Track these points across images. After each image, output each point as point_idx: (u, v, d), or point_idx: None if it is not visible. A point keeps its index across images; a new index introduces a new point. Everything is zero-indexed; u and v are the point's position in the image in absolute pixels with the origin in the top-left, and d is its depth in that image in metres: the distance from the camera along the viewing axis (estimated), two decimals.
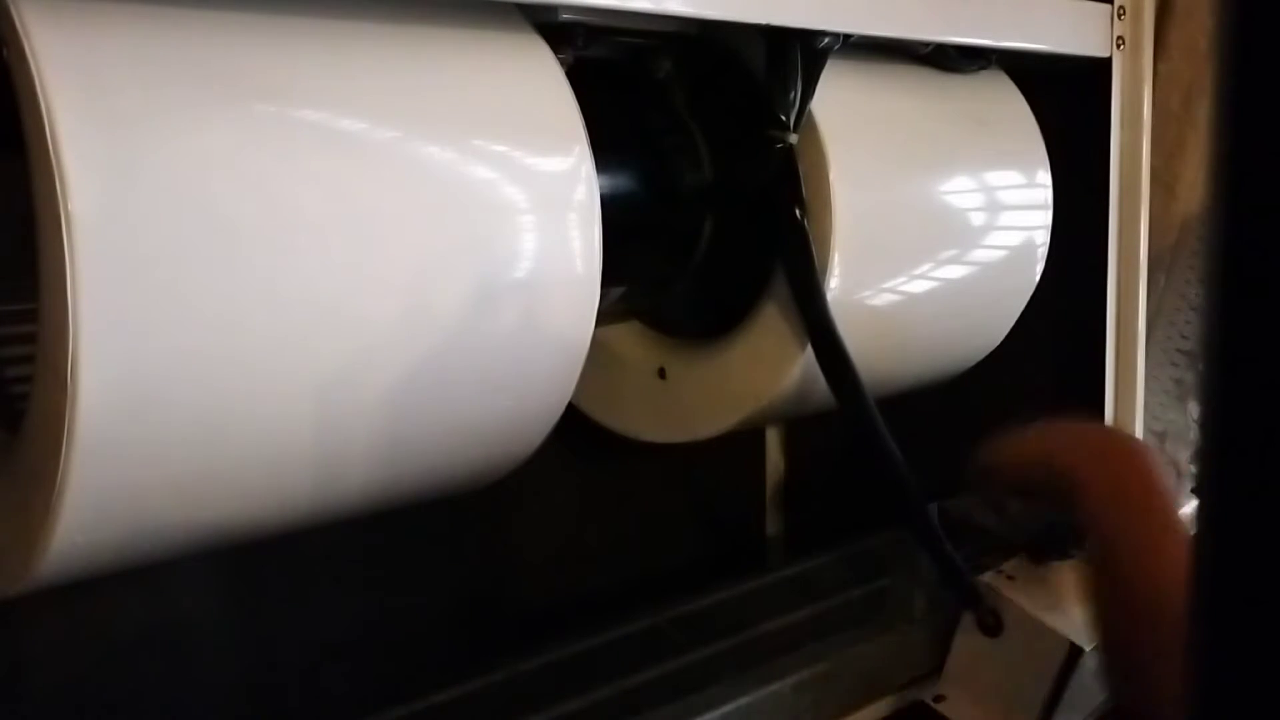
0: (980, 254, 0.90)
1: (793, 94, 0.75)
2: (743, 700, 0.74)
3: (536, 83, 0.64)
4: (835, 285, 0.77)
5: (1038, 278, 0.94)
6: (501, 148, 0.61)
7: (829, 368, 0.77)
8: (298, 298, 0.53)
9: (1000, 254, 0.92)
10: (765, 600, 0.92)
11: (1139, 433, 0.97)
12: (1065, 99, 0.96)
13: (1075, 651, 0.78)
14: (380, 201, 0.56)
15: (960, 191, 0.89)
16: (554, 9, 0.65)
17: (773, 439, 1.16)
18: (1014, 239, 0.92)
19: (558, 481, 0.97)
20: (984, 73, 0.91)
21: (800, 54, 0.74)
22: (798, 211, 0.76)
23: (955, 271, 0.88)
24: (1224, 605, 0.23)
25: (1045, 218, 0.93)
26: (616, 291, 0.82)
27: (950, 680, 0.83)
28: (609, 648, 0.84)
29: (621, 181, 0.78)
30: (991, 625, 0.80)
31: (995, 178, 0.91)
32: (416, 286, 0.57)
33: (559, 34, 0.66)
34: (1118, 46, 0.93)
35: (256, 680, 0.83)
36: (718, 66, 0.80)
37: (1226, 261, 0.22)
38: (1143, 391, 0.97)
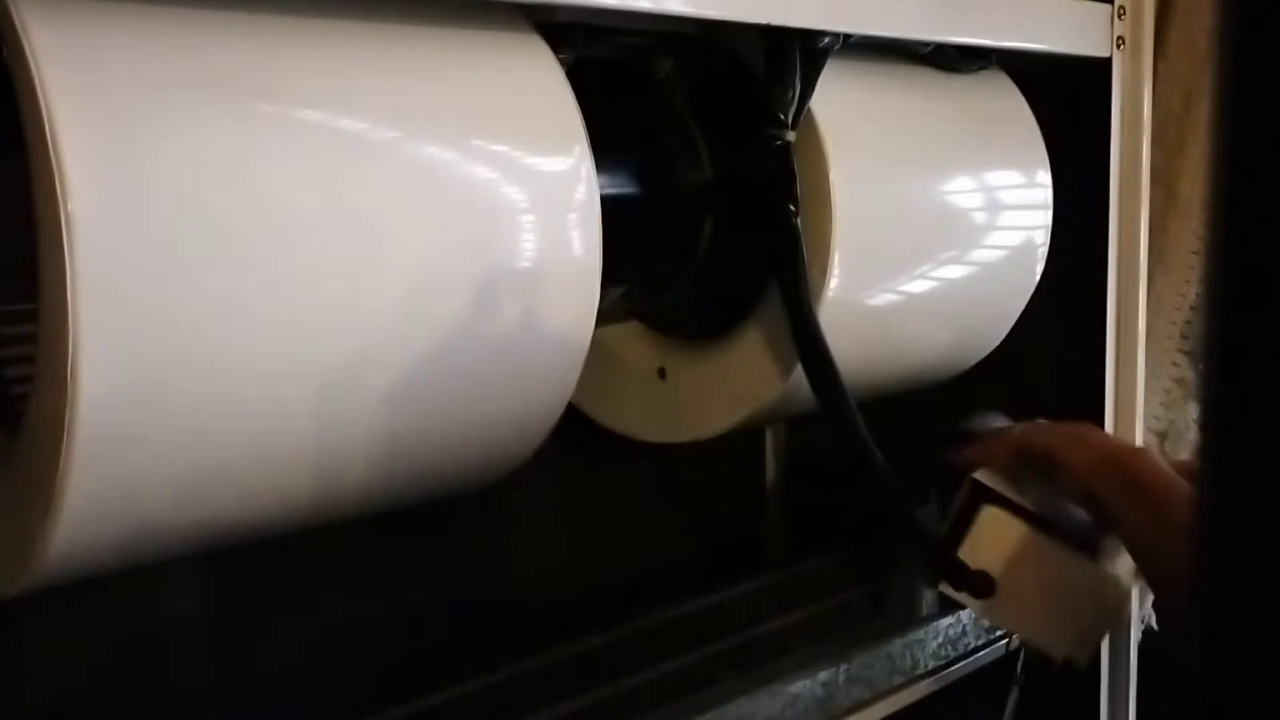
0: (980, 254, 0.90)
1: (791, 93, 0.75)
2: (743, 700, 0.74)
3: (536, 83, 0.64)
4: (835, 285, 0.77)
5: (1038, 278, 0.93)
6: (501, 148, 0.61)
7: (812, 370, 0.76)
8: (297, 298, 0.53)
9: (1000, 254, 0.92)
10: (765, 600, 0.92)
11: (1139, 433, 0.97)
12: (1065, 99, 0.96)
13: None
14: (380, 202, 0.56)
15: (960, 191, 0.89)
16: (554, 9, 0.65)
17: (772, 439, 1.16)
18: (1014, 239, 0.92)
19: (558, 481, 0.97)
20: (984, 73, 0.91)
21: (800, 54, 0.74)
22: (791, 209, 0.76)
23: (955, 271, 0.88)
24: (1224, 604, 0.23)
25: (1045, 218, 0.93)
26: (616, 291, 0.82)
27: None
28: (609, 648, 0.84)
29: (621, 181, 0.78)
30: (984, 586, 0.80)
31: (995, 178, 0.91)
32: (416, 286, 0.57)
33: (559, 34, 0.66)
34: (1118, 46, 0.93)
35: (255, 680, 0.83)
36: (718, 66, 0.80)
37: (1226, 261, 0.22)
38: (1143, 391, 0.97)
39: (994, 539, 0.79)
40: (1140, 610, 1.01)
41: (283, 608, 0.84)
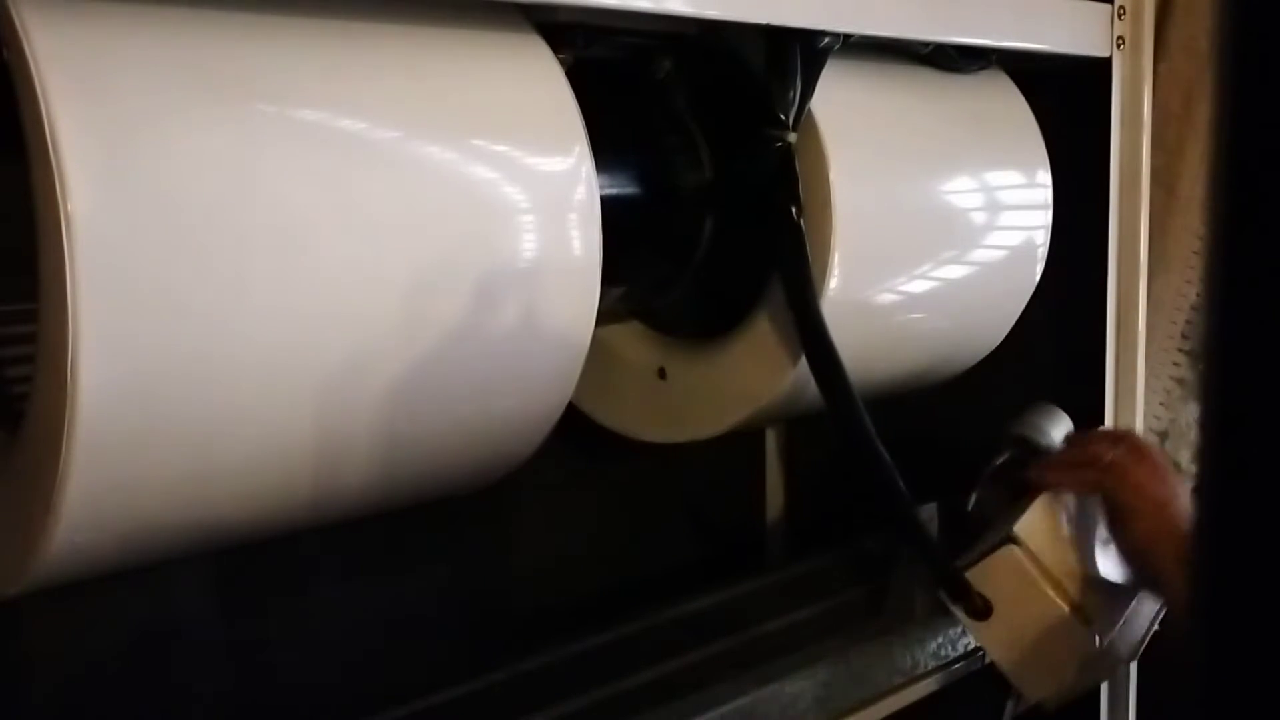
0: (980, 254, 0.90)
1: (792, 93, 0.75)
2: (743, 700, 0.74)
3: (536, 83, 0.64)
4: (835, 284, 0.77)
5: (1038, 278, 0.93)
6: (501, 148, 0.61)
7: (819, 368, 0.77)
8: (297, 298, 0.53)
9: (1000, 254, 0.91)
10: (765, 600, 0.92)
11: (1139, 432, 0.97)
12: (1065, 99, 0.96)
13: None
14: (380, 202, 0.56)
15: (960, 191, 0.89)
16: (554, 9, 0.65)
17: (773, 439, 1.16)
18: (1014, 239, 0.92)
19: (558, 481, 0.97)
20: (984, 73, 0.91)
21: (800, 54, 0.74)
22: (794, 210, 0.76)
23: (955, 271, 0.88)
24: (1224, 603, 0.23)
25: (1045, 218, 0.93)
26: (616, 291, 0.82)
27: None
28: (609, 648, 0.84)
29: (621, 181, 0.78)
30: (981, 609, 0.80)
31: (995, 178, 0.91)
32: (416, 286, 0.57)
33: (559, 34, 0.66)
34: (1118, 46, 0.93)
35: (255, 681, 0.83)
36: (718, 66, 0.80)
37: (1226, 261, 0.22)
38: (1143, 391, 0.97)
39: (1007, 577, 0.80)
40: None
41: (283, 608, 0.84)
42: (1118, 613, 0.81)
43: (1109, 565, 0.82)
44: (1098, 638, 0.80)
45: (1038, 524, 0.81)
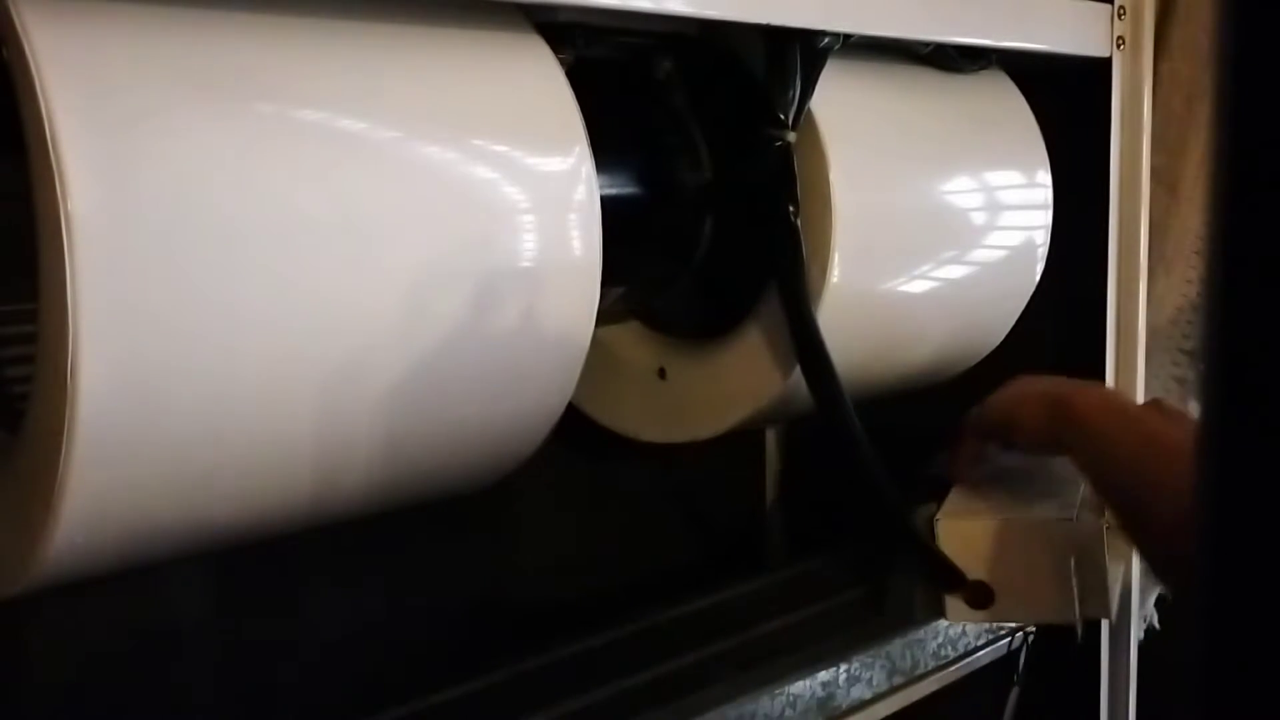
0: (980, 254, 0.90)
1: (792, 93, 0.75)
2: (743, 700, 0.74)
3: (536, 83, 0.64)
4: (834, 284, 0.77)
5: (1038, 278, 0.93)
6: (501, 148, 0.61)
7: (810, 372, 0.76)
8: (297, 298, 0.53)
9: (1000, 254, 0.92)
10: (765, 600, 0.92)
11: None
12: (1065, 99, 0.96)
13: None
14: (380, 202, 0.56)
15: (960, 191, 0.89)
16: (554, 9, 0.65)
17: (772, 439, 1.16)
18: (1014, 239, 0.92)
19: (558, 482, 0.97)
20: (984, 73, 0.91)
21: (800, 54, 0.74)
22: (791, 211, 0.76)
23: (955, 271, 0.88)
24: (1224, 604, 0.23)
25: (1045, 218, 0.93)
26: (616, 291, 0.82)
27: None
28: (609, 648, 0.84)
29: (621, 181, 0.78)
30: (983, 598, 0.79)
31: (995, 178, 0.91)
32: (416, 287, 0.57)
33: (559, 34, 0.66)
34: (1118, 46, 0.93)
35: (255, 681, 0.83)
36: (718, 66, 0.80)
37: (1226, 261, 0.22)
38: (1143, 391, 0.97)
39: (962, 546, 0.79)
40: (1141, 609, 1.01)
41: (283, 608, 0.84)
42: (1062, 492, 0.80)
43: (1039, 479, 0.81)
44: (1068, 514, 0.78)
45: (953, 503, 0.80)
